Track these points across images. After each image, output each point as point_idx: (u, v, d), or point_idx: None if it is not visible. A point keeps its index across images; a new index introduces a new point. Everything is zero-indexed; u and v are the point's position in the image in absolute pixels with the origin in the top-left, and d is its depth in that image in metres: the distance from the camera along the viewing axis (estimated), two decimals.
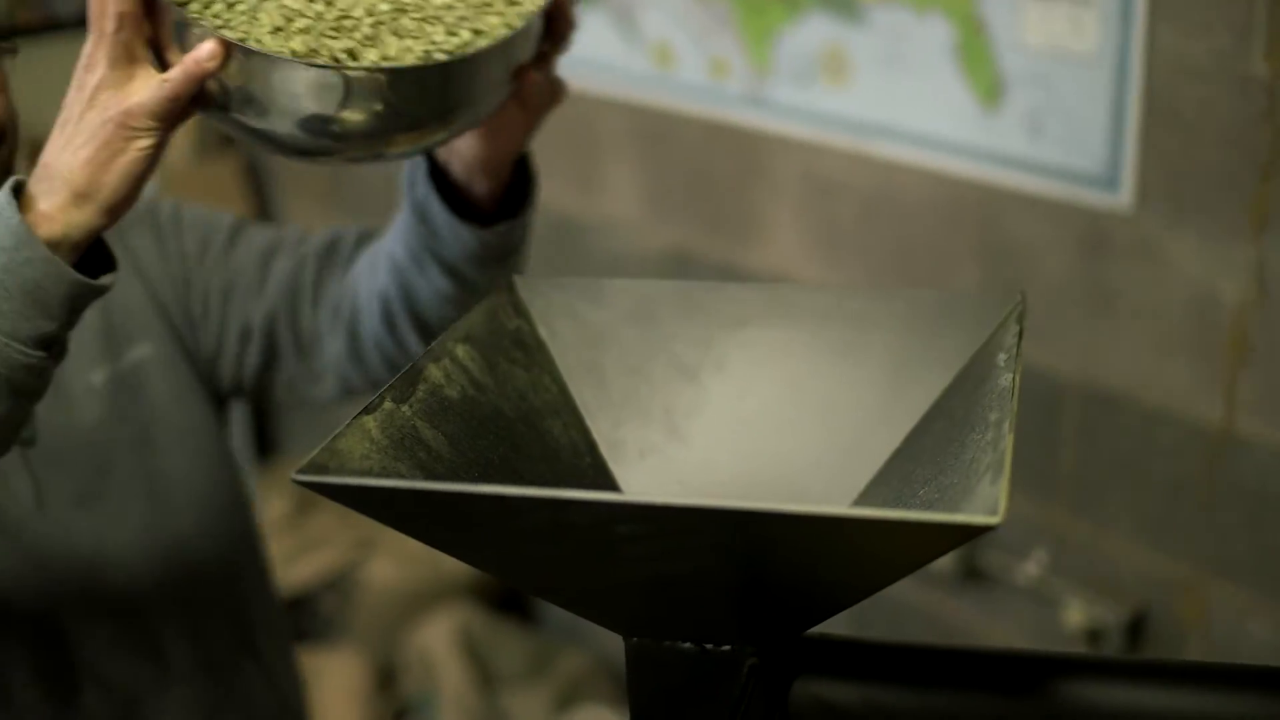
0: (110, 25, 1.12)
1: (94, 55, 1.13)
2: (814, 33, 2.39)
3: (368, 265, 1.51)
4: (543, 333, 1.12)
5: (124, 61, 1.12)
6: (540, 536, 0.83)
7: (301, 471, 0.84)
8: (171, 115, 1.13)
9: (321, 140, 1.15)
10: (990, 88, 2.20)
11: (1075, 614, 2.25)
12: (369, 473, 0.89)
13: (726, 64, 2.59)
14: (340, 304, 1.54)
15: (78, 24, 3.76)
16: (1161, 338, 2.08)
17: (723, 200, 2.69)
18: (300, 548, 3.60)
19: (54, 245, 1.12)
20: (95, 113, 1.12)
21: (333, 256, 1.56)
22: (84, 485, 1.49)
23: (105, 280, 1.16)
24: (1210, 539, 2.11)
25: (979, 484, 0.83)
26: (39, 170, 1.13)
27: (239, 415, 3.86)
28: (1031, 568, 2.32)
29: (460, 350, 1.04)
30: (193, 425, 1.57)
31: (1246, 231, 1.94)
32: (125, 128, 1.12)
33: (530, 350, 1.11)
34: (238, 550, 1.64)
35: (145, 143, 1.12)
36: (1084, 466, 2.24)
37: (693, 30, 2.63)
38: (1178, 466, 2.12)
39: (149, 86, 1.12)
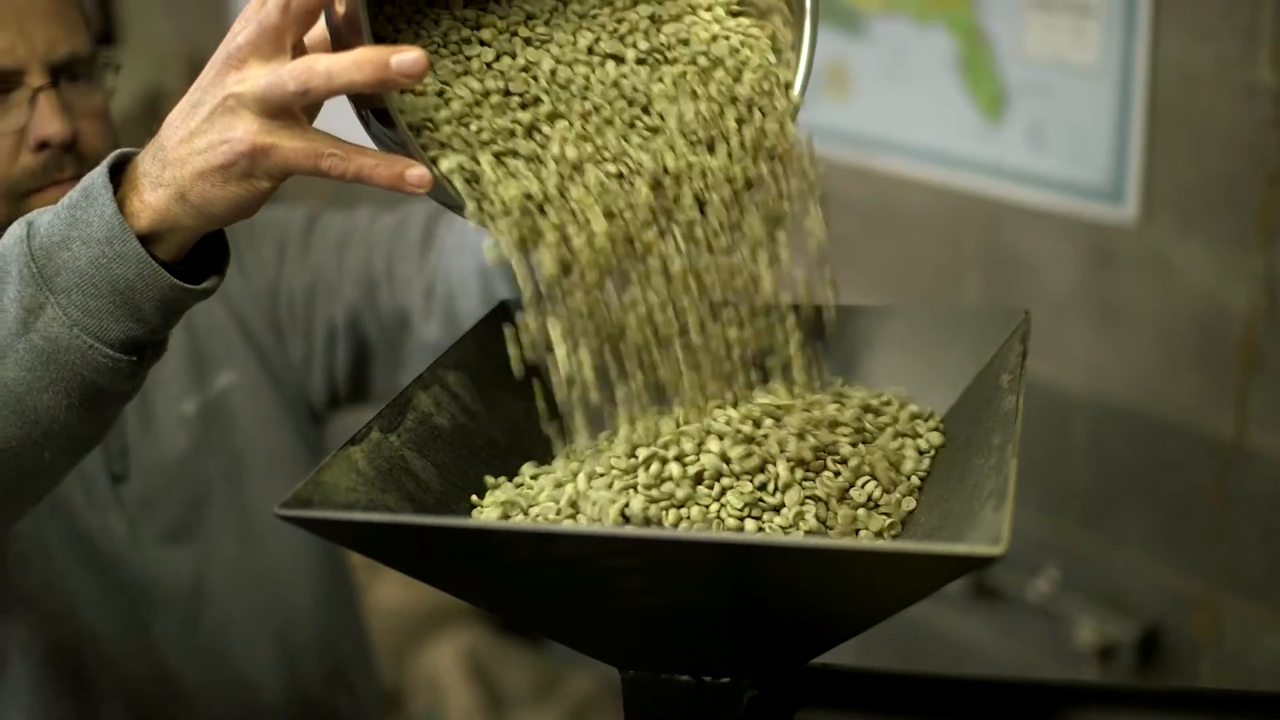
0: (274, 15, 0.92)
1: (242, 38, 0.94)
2: (816, 46, 2.37)
3: (457, 243, 1.48)
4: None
5: (270, 48, 0.93)
6: (529, 570, 0.81)
7: (285, 506, 0.82)
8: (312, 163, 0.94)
9: None
10: (993, 100, 2.17)
11: (1087, 631, 2.22)
12: (355, 506, 0.87)
13: None
14: (432, 286, 1.50)
15: None
16: (1170, 350, 2.06)
17: None
18: None
19: (151, 239, 0.98)
20: (215, 92, 0.95)
21: (402, 238, 1.54)
22: (177, 520, 1.48)
23: (208, 284, 1.01)
24: (1223, 553, 2.09)
25: (982, 511, 0.81)
26: (153, 145, 0.98)
27: None
28: (1042, 584, 2.30)
29: (451, 377, 1.02)
30: (281, 453, 1.55)
31: (1254, 241, 1.92)
32: (246, 160, 0.94)
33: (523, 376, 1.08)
34: (328, 580, 1.62)
35: (264, 185, 0.96)
36: (1094, 481, 2.22)
37: None
38: (1189, 480, 2.09)
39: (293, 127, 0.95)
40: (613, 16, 1.04)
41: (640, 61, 1.03)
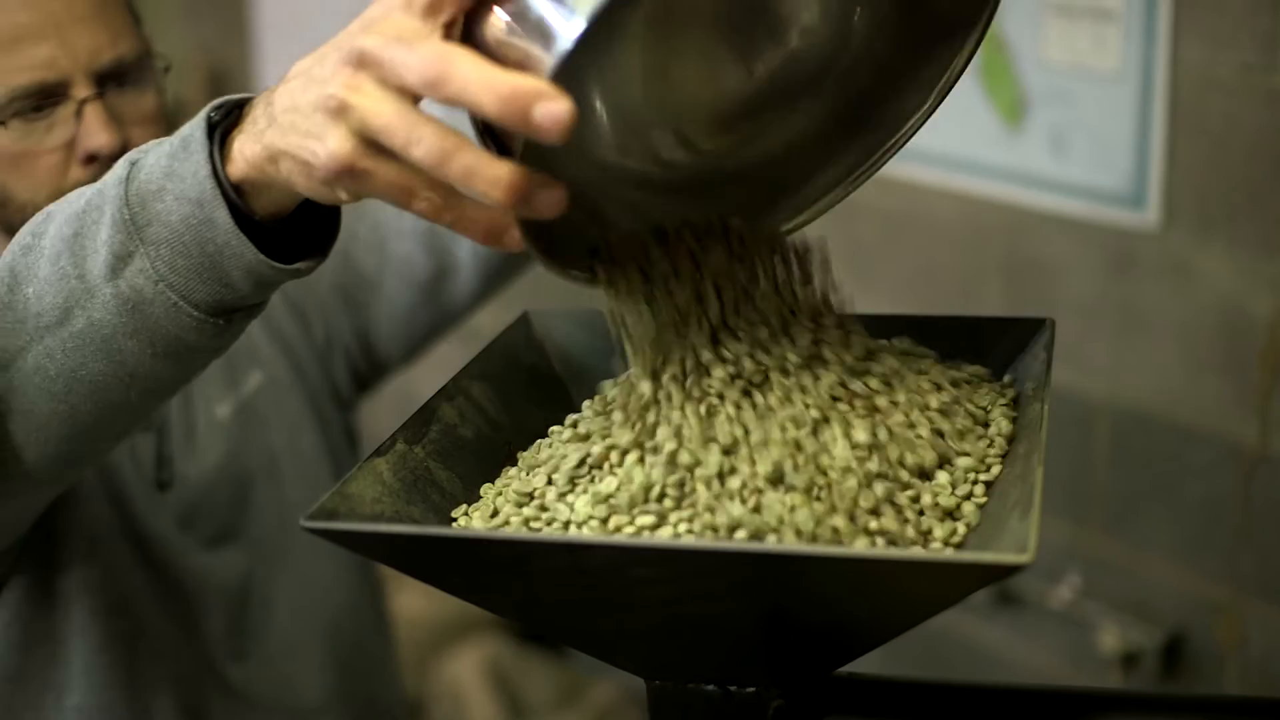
0: None
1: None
2: None
3: None
4: (559, 368, 1.10)
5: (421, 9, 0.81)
6: (556, 581, 0.81)
7: (311, 517, 0.82)
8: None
9: None
10: (1013, 106, 2.17)
11: (1110, 638, 2.22)
12: (380, 517, 0.87)
13: None
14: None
15: None
16: (1193, 355, 2.05)
17: None
18: None
19: (248, 192, 0.91)
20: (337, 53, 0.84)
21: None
22: (222, 523, 1.48)
23: (301, 265, 0.94)
24: (1247, 559, 2.08)
25: (1008, 520, 0.80)
26: (273, 90, 0.89)
27: None
28: (1065, 592, 2.29)
29: (475, 388, 1.02)
30: (312, 453, 1.56)
31: (1277, 245, 1.91)
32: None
33: (547, 387, 1.08)
34: (363, 581, 1.63)
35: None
36: (1117, 488, 2.21)
37: None
38: (1212, 486, 2.09)
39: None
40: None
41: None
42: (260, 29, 3.63)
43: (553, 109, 0.74)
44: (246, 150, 0.89)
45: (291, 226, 0.93)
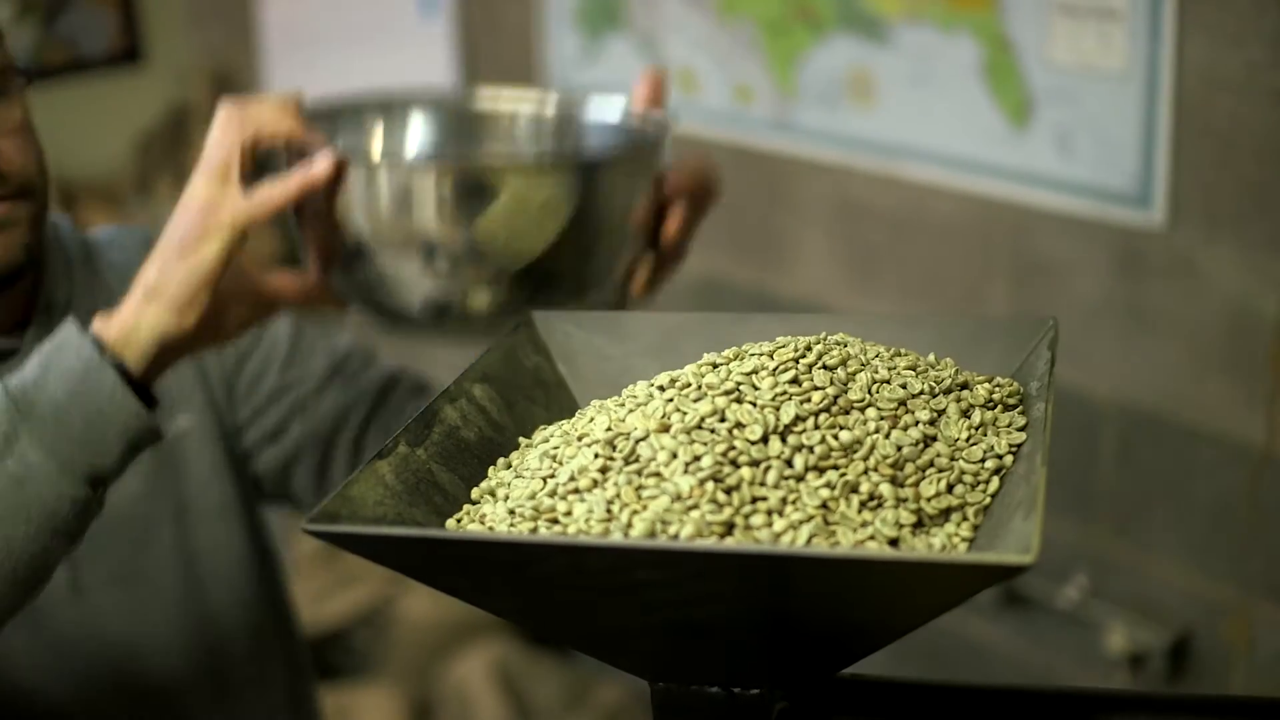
0: (216, 155, 1.18)
1: (194, 179, 1.18)
2: (839, 55, 2.37)
3: None
4: (562, 370, 1.09)
5: (219, 178, 1.17)
6: (558, 583, 0.80)
7: (313, 520, 0.82)
8: (249, 222, 1.17)
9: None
10: (1019, 106, 2.17)
11: (1117, 638, 2.21)
12: (382, 520, 0.87)
13: (751, 89, 2.57)
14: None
15: (105, 63, 3.78)
16: (1199, 355, 2.05)
17: (751, 226, 2.66)
18: (334, 583, 3.57)
19: (121, 345, 1.17)
20: (178, 218, 1.18)
21: (385, 403, 1.54)
22: (121, 563, 1.45)
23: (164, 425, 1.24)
24: (1254, 560, 2.07)
25: (1011, 520, 0.80)
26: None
27: None
28: (1072, 592, 2.29)
29: (477, 390, 1.02)
30: (228, 499, 1.53)
31: None
32: (198, 227, 1.17)
33: (550, 388, 1.08)
34: (269, 626, 1.59)
35: (213, 245, 1.17)
36: (1124, 488, 2.21)
37: (716, 55, 2.61)
38: (1219, 486, 2.08)
39: (235, 194, 1.17)
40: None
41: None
42: (266, 33, 3.64)
43: (314, 168, 1.16)
44: (119, 312, 1.20)
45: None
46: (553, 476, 0.89)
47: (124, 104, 3.71)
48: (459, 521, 0.92)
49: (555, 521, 0.85)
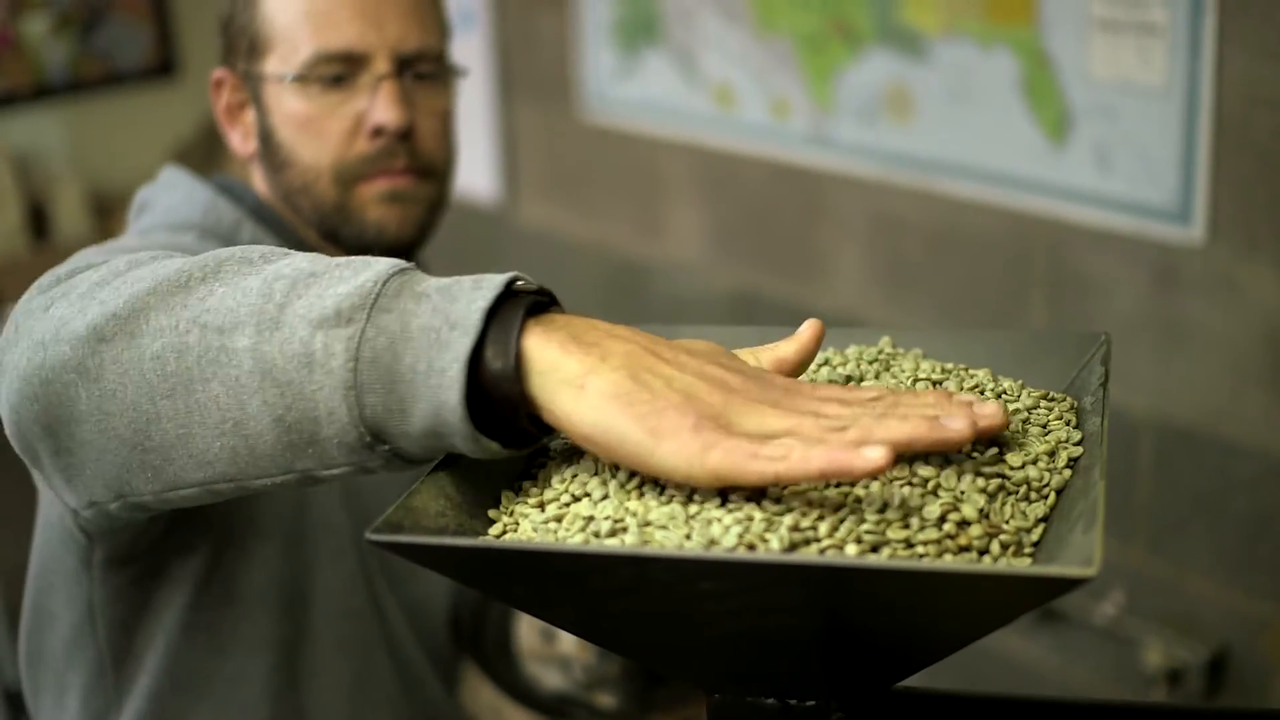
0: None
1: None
2: (876, 70, 2.37)
3: None
4: None
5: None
6: (621, 594, 0.81)
7: (376, 531, 0.83)
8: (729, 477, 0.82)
9: None
10: (1057, 122, 2.17)
11: (1154, 654, 2.21)
12: (444, 530, 0.87)
13: (788, 104, 2.57)
14: None
15: (140, 76, 3.78)
16: (1237, 371, 2.05)
17: (788, 241, 2.67)
18: None
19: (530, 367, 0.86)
20: (741, 384, 0.88)
21: None
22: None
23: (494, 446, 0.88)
24: None
25: (1071, 533, 0.80)
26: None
27: None
28: (1109, 608, 2.29)
29: None
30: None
31: None
32: (713, 426, 0.84)
33: None
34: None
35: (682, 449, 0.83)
36: (1161, 503, 2.21)
37: (754, 71, 2.62)
38: (1257, 501, 2.08)
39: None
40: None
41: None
42: None
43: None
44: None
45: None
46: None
47: (159, 117, 3.73)
48: (507, 516, 0.90)
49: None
